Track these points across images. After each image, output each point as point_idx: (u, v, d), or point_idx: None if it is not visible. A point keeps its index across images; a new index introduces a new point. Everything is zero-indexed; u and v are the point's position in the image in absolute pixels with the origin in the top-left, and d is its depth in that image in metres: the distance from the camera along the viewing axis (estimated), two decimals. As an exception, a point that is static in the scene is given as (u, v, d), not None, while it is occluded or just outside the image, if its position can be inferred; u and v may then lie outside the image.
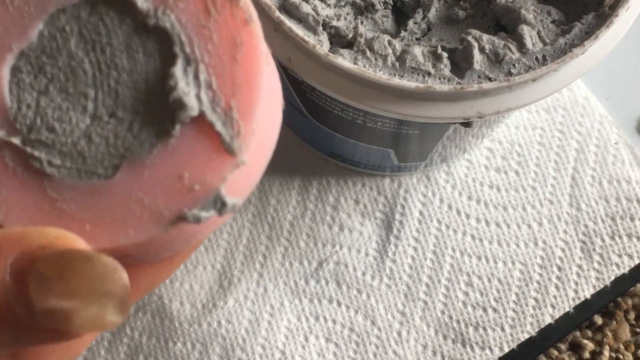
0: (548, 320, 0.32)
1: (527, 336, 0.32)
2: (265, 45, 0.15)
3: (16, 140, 0.14)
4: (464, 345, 0.32)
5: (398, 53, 0.24)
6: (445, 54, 0.24)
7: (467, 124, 0.25)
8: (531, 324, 0.32)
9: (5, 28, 0.14)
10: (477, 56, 0.24)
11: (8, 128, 0.14)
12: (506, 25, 0.26)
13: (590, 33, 0.24)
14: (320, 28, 0.25)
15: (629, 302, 0.34)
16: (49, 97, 0.14)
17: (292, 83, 0.27)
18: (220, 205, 0.13)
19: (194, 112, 0.13)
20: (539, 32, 0.25)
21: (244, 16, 0.14)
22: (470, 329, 0.32)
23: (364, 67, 0.24)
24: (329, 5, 0.26)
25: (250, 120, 0.14)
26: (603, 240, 0.34)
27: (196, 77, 0.14)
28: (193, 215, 0.13)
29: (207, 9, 0.14)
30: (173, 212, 0.13)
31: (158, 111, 0.14)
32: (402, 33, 0.27)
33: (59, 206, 0.13)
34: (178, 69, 0.14)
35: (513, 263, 0.33)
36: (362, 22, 0.27)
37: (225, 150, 0.13)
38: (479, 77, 0.24)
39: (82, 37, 0.14)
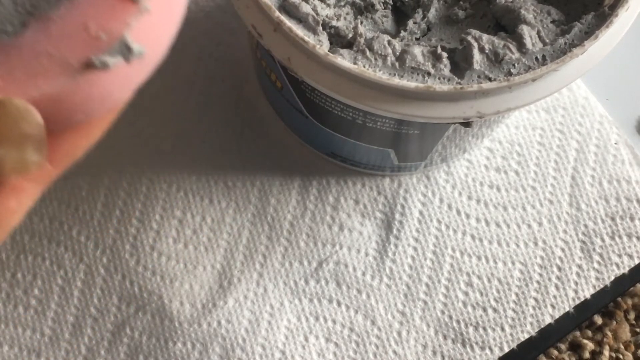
0: (548, 320, 0.32)
1: (527, 336, 0.32)
2: None
3: None
4: (464, 345, 0.32)
5: (398, 53, 0.24)
6: (445, 54, 0.24)
7: (467, 124, 0.25)
8: (531, 323, 0.32)
9: None
10: (476, 56, 0.24)
11: None
12: (506, 25, 0.26)
13: (590, 33, 0.24)
14: (320, 28, 0.25)
15: (629, 302, 0.34)
16: None
17: (292, 83, 0.27)
18: (125, 50, 0.14)
19: None
20: (538, 32, 0.25)
21: None
22: (470, 329, 0.32)
23: (364, 67, 0.24)
24: (328, 5, 0.26)
25: None
26: (603, 240, 0.34)
27: None
28: (100, 60, 0.14)
29: None
30: (81, 61, 0.14)
31: None
32: (402, 33, 0.27)
33: None
34: None
35: (513, 263, 0.33)
36: (361, 22, 0.27)
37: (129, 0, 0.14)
38: (479, 77, 0.24)
39: None
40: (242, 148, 0.35)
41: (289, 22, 0.23)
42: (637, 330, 0.33)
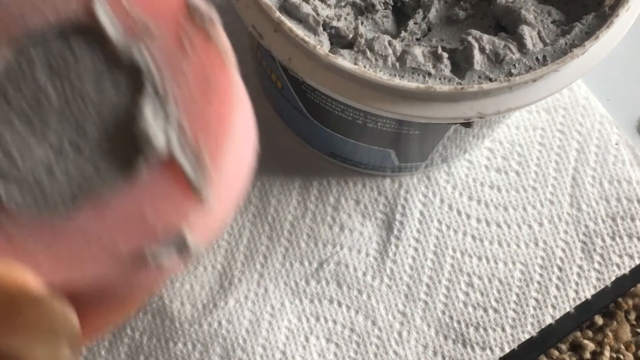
0: (549, 320, 0.32)
1: (527, 336, 0.32)
2: (242, 86, 0.14)
3: None
4: (464, 346, 0.32)
5: (398, 53, 0.24)
6: (445, 55, 0.24)
7: (467, 125, 0.25)
8: (532, 324, 0.32)
9: None
10: (477, 56, 0.24)
11: None
12: (506, 25, 0.26)
13: (590, 33, 0.24)
14: (321, 28, 0.25)
15: (630, 302, 0.34)
16: (12, 127, 0.13)
17: (292, 83, 0.27)
18: (181, 245, 0.13)
19: (161, 147, 0.13)
20: (539, 33, 0.25)
21: (220, 55, 0.14)
22: (471, 329, 0.32)
23: (365, 67, 0.24)
24: (329, 5, 0.26)
25: (219, 162, 0.13)
26: (604, 240, 0.34)
27: (165, 113, 0.13)
28: (152, 254, 0.13)
29: (182, 45, 0.14)
30: (132, 252, 0.13)
31: (124, 148, 0.13)
32: (403, 33, 0.27)
33: (15, 241, 0.13)
34: (147, 104, 0.13)
35: (514, 263, 0.33)
36: (362, 23, 0.27)
37: (191, 190, 0.13)
38: (480, 77, 0.24)
39: (50, 67, 0.13)
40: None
41: (289, 23, 0.23)
42: (638, 330, 0.33)
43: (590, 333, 0.33)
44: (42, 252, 0.13)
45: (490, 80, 0.24)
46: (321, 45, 0.24)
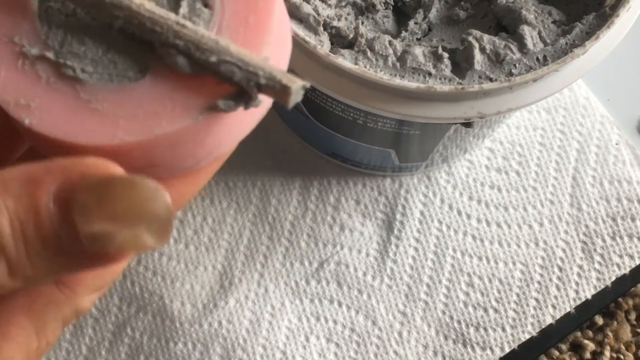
0: (549, 320, 0.32)
1: (528, 336, 0.32)
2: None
3: (49, 54, 0.15)
4: (464, 346, 0.32)
5: (399, 53, 0.24)
6: (446, 55, 0.24)
7: (468, 124, 0.25)
8: (532, 324, 0.32)
9: None
10: (477, 56, 0.24)
11: (41, 45, 0.15)
12: (507, 25, 0.26)
13: (591, 33, 0.24)
14: (321, 28, 0.25)
15: (630, 302, 0.34)
16: (77, 17, 0.15)
17: (293, 83, 0.27)
18: (247, 97, 0.14)
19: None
20: (539, 33, 0.25)
21: None
22: (471, 329, 0.32)
23: (365, 67, 0.24)
24: (329, 5, 0.26)
25: (271, 15, 0.15)
26: (604, 240, 0.34)
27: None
28: (223, 102, 0.14)
29: None
30: (203, 103, 0.14)
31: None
32: (403, 33, 0.27)
33: (92, 106, 0.14)
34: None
35: (514, 263, 0.33)
36: (362, 23, 0.27)
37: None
38: (480, 77, 0.24)
39: None
40: (242, 148, 0.35)
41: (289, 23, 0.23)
42: (638, 330, 0.33)
43: (590, 333, 0.33)
44: (118, 113, 0.14)
45: (491, 80, 0.24)
46: (322, 45, 0.24)
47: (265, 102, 0.15)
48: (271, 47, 0.15)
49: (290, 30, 0.17)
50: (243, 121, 0.15)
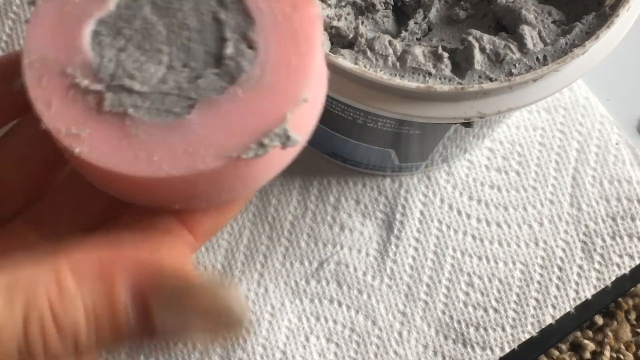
0: (549, 320, 0.32)
1: (528, 336, 0.32)
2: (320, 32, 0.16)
3: (99, 87, 0.15)
4: (464, 346, 0.32)
5: (399, 53, 0.24)
6: (446, 54, 0.24)
7: (467, 124, 0.25)
8: (532, 324, 0.32)
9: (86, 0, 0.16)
10: (477, 56, 0.24)
11: (92, 78, 0.15)
12: (507, 25, 0.26)
13: (591, 33, 0.24)
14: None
15: (630, 302, 0.34)
16: (128, 52, 0.16)
17: (292, 83, 0.27)
18: (284, 137, 0.15)
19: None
20: (539, 32, 0.25)
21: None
22: (471, 329, 0.32)
23: (365, 67, 0.24)
24: (329, 5, 0.26)
25: (313, 59, 0.15)
26: (604, 240, 0.34)
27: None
28: (261, 142, 0.15)
29: None
30: (242, 143, 0.15)
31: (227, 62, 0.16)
32: (403, 33, 0.27)
33: (140, 139, 0.15)
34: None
35: (514, 263, 0.33)
36: (362, 23, 0.27)
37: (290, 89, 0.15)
38: (480, 77, 0.24)
39: (155, 5, 0.16)
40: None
41: (290, 22, 0.23)
42: (638, 330, 0.33)
43: (590, 333, 0.33)
44: (158, 147, 0.15)
45: (491, 80, 0.24)
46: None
47: (301, 141, 0.16)
48: (311, 90, 0.16)
49: (327, 73, 0.17)
50: (280, 158, 0.16)
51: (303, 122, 0.16)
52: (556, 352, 0.32)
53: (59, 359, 0.14)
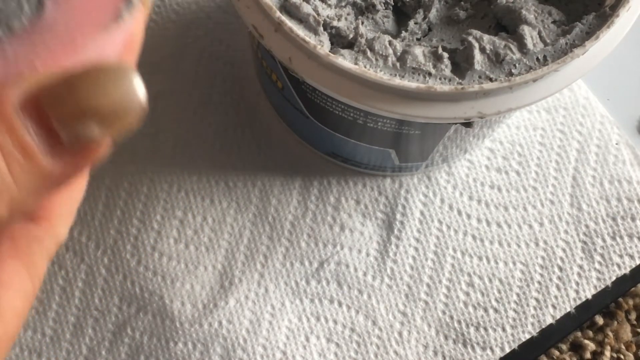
0: (549, 320, 0.32)
1: (528, 336, 0.32)
2: None
3: None
4: (465, 346, 0.32)
5: (399, 53, 0.24)
6: (446, 55, 0.24)
7: (468, 124, 0.25)
8: (532, 324, 0.32)
9: None
10: (477, 56, 0.24)
11: None
12: (507, 25, 0.26)
13: (591, 33, 0.24)
14: (321, 28, 0.25)
15: (630, 302, 0.34)
16: None
17: (293, 83, 0.28)
18: (131, 5, 0.15)
19: None
20: (539, 33, 0.25)
21: None
22: (472, 329, 0.32)
23: (365, 67, 0.24)
24: (329, 5, 0.26)
25: None
26: (604, 240, 0.34)
27: None
28: (127, 11, 0.15)
29: None
30: (112, 16, 0.15)
31: None
32: (403, 33, 0.27)
33: (8, 55, 0.14)
34: None
35: (514, 263, 0.33)
36: (362, 23, 0.27)
37: None
38: (480, 77, 0.24)
39: None
40: (243, 148, 0.35)
41: (289, 23, 0.23)
42: (639, 330, 0.33)
43: (590, 333, 0.33)
44: (35, 52, 0.14)
45: (491, 80, 0.24)
46: (321, 45, 0.24)
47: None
48: None
49: None
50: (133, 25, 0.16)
51: None
52: (556, 352, 0.32)
53: None
